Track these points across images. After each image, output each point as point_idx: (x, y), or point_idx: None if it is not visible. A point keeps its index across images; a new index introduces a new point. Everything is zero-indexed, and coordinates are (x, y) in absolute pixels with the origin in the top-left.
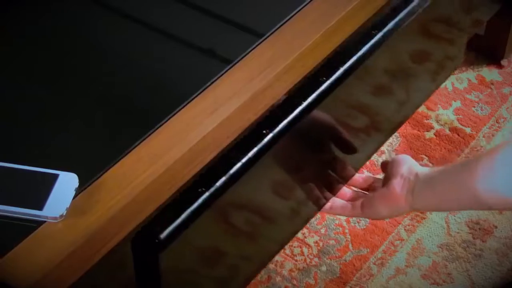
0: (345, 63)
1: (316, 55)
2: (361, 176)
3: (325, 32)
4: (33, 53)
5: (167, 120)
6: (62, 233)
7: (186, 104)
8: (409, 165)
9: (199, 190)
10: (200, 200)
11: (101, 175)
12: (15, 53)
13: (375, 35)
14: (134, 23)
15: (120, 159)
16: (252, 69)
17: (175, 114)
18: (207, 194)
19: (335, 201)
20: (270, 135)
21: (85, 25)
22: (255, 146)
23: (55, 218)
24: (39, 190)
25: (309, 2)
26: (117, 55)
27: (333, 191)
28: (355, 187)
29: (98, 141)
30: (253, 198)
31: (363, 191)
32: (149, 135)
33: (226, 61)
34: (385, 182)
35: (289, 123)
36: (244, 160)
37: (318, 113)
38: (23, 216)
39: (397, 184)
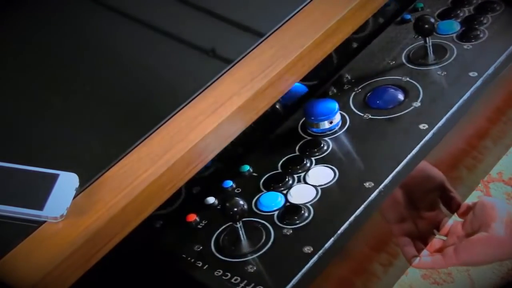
0: (449, 110)
1: (316, 54)
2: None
3: (325, 32)
4: (33, 53)
5: (167, 120)
6: (63, 233)
7: (187, 104)
8: (506, 208)
9: (306, 250)
10: (310, 262)
11: (101, 175)
12: (16, 53)
13: (477, 80)
14: (135, 23)
15: (120, 159)
16: (252, 69)
17: (175, 114)
18: (316, 256)
19: (424, 255)
20: (377, 191)
21: (85, 25)
22: (363, 203)
23: (55, 218)
24: (39, 190)
25: (309, 2)
26: (118, 55)
27: (426, 242)
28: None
29: (98, 141)
30: (353, 257)
31: (444, 238)
32: (149, 135)
33: (226, 61)
34: (478, 227)
35: (396, 177)
36: (351, 219)
37: (425, 166)
38: (23, 216)
39: (499, 227)
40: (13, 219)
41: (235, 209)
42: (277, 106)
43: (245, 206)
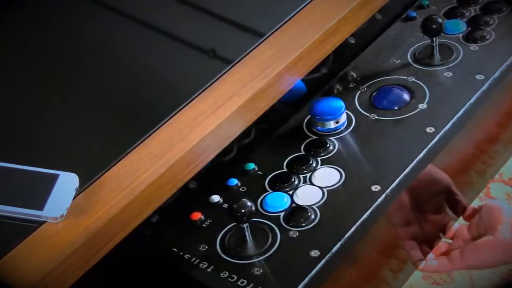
0: (456, 114)
1: (316, 54)
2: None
3: (325, 32)
4: (33, 53)
5: (167, 120)
6: (63, 233)
7: (187, 104)
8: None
9: (313, 254)
10: (317, 267)
11: (101, 175)
12: (16, 53)
13: (484, 83)
14: (134, 23)
15: (120, 159)
16: (252, 69)
17: (175, 114)
18: (323, 261)
19: (430, 259)
20: (384, 195)
21: (85, 25)
22: (370, 207)
23: (55, 218)
24: (39, 190)
25: (309, 2)
26: (118, 55)
27: (432, 246)
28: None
29: (98, 141)
30: (360, 262)
31: (449, 241)
32: (149, 135)
33: (226, 61)
34: (484, 230)
35: (403, 180)
36: (358, 223)
37: (432, 169)
38: (23, 216)
39: (505, 230)
40: (13, 219)
41: (243, 211)
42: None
43: (253, 208)
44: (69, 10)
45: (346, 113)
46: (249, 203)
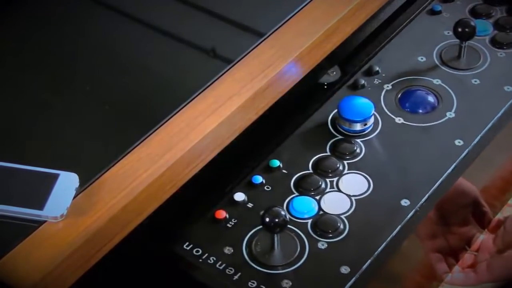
0: (484, 127)
1: (316, 54)
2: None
3: (325, 31)
4: (33, 52)
5: (167, 120)
6: (63, 233)
7: (187, 104)
8: None
9: (343, 270)
10: (348, 285)
11: (101, 175)
12: (15, 52)
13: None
14: (134, 22)
15: (120, 159)
16: (252, 69)
17: (175, 114)
18: (354, 279)
19: (456, 271)
20: (413, 211)
21: (85, 25)
22: (400, 222)
23: (55, 218)
24: (39, 190)
25: (309, 1)
26: (118, 55)
27: (457, 258)
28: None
29: (98, 141)
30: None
31: (475, 253)
32: (149, 135)
33: (226, 61)
34: (510, 241)
35: (432, 196)
36: (388, 239)
37: (459, 181)
38: (23, 216)
39: None
40: (13, 219)
41: (277, 220)
42: None
43: (287, 217)
44: (69, 10)
45: (373, 114)
46: (282, 212)
